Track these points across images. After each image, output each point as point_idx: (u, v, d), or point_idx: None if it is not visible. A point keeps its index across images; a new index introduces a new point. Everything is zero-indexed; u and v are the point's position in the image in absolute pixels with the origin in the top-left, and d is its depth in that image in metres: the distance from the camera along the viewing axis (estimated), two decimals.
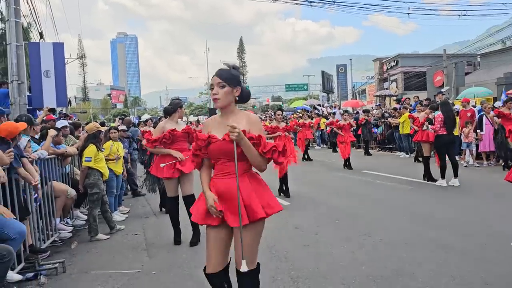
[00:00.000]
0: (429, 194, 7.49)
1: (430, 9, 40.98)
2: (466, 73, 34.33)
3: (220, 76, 2.46)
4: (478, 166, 10.46)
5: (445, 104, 8.33)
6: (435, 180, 8.23)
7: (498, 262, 3.86)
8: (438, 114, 7.99)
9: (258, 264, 2.57)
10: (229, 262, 2.62)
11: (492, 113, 10.49)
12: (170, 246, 4.98)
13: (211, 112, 34.90)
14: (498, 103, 12.76)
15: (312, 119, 18.41)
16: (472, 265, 3.80)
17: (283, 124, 7.96)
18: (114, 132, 6.70)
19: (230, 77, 2.46)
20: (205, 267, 2.57)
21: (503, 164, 9.86)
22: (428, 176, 8.53)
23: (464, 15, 21.57)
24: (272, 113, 21.81)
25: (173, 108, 5.12)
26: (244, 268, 2.42)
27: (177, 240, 5.05)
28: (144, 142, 5.93)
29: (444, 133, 7.84)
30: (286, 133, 7.86)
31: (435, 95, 18.98)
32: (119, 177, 6.77)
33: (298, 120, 15.64)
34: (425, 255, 4.13)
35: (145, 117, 23.72)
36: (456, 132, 9.76)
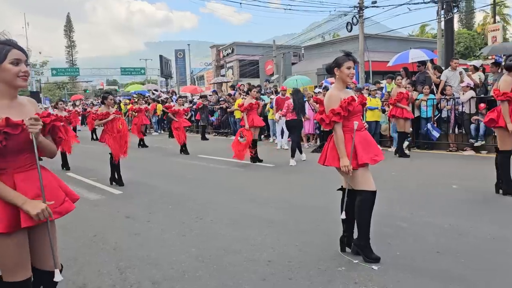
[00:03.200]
0: (258, 175, 8.06)
1: (260, 1, 43.81)
2: (293, 63, 37.85)
3: None
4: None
5: (297, 92, 9.31)
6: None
7: (310, 231, 4.36)
8: (289, 100, 8.96)
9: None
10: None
11: (311, 99, 11.79)
12: None
13: None
14: (317, 90, 14.43)
15: (148, 104, 17.93)
16: (290, 237, 4.21)
17: (112, 110, 7.52)
18: None
19: None
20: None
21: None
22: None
23: (289, 9, 23.57)
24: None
25: None
26: (58, 277, 2.14)
27: None
28: None
29: (294, 117, 8.89)
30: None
31: (269, 81, 20.46)
32: None
33: (134, 106, 15.08)
34: (251, 232, 4.41)
35: None
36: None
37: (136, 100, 17.30)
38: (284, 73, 32.88)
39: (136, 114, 14.44)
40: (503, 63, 7.45)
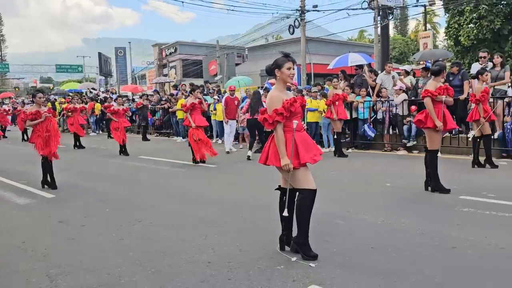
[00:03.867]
0: (200, 175, 7.99)
1: (203, 1, 43.47)
2: (237, 64, 37.98)
3: None
4: (242, 148, 11.73)
5: (255, 94, 10.11)
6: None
7: (251, 231, 4.38)
8: (247, 101, 9.80)
9: None
10: None
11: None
12: None
13: None
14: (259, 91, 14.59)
15: (85, 103, 17.19)
16: (231, 237, 4.20)
17: (44, 109, 7.10)
18: None
19: None
20: None
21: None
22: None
23: (232, 10, 23.61)
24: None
25: None
26: None
27: None
28: None
29: (249, 117, 9.71)
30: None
31: (209, 82, 20.32)
32: None
33: (71, 105, 14.37)
34: (191, 233, 4.35)
35: None
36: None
37: (71, 99, 16.51)
38: (228, 73, 32.89)
39: (71, 113, 13.74)
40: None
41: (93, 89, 25.43)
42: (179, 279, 3.25)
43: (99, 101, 19.06)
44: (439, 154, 6.01)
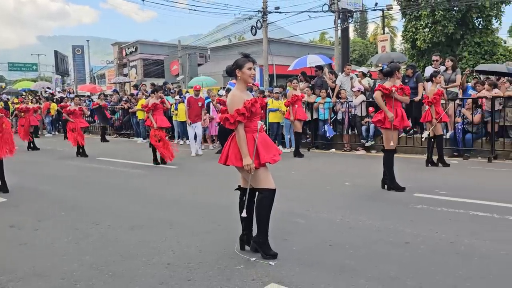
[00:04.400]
0: (161, 177, 7.87)
1: (165, 0, 42.72)
2: (199, 64, 37.71)
3: None
4: (204, 149, 11.66)
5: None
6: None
7: (211, 231, 4.37)
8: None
9: None
10: None
11: (215, 100, 11.84)
12: None
13: None
14: (221, 92, 14.54)
15: (40, 103, 16.55)
16: (191, 238, 4.17)
17: None
18: None
19: None
20: None
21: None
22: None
23: (194, 10, 23.43)
24: None
25: None
26: None
27: None
28: None
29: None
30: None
31: (169, 83, 20.04)
32: None
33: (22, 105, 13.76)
34: (151, 235, 4.29)
35: None
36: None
37: (23, 98, 15.82)
38: (190, 73, 32.59)
39: (23, 114, 13.00)
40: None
41: (48, 88, 24.49)
42: (137, 281, 3.20)
43: (55, 101, 18.38)
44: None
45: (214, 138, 12.49)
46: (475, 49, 22.36)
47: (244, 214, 3.58)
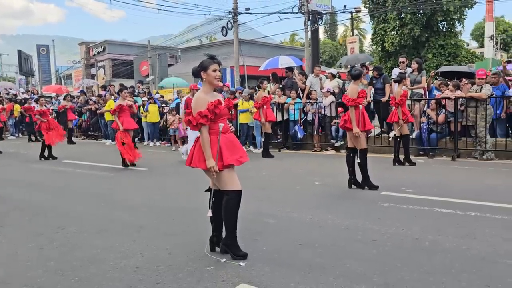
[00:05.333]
0: (129, 179, 7.74)
1: None
2: (169, 65, 37.27)
3: None
4: (175, 150, 11.54)
5: None
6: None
7: (181, 233, 4.33)
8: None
9: None
10: None
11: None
12: None
13: None
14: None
15: (3, 104, 15.98)
16: (160, 241, 4.11)
17: None
18: None
19: None
20: None
21: None
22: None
23: (164, 10, 23.16)
24: None
25: None
26: None
27: None
28: None
29: None
30: None
31: (142, 83, 19.74)
32: None
33: None
34: (119, 239, 4.20)
35: None
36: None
37: None
38: (160, 74, 32.19)
39: None
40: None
41: (10, 89, 23.62)
42: (105, 286, 3.13)
43: (18, 102, 17.76)
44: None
45: (184, 139, 12.37)
46: (439, 51, 23.11)
47: (209, 214, 3.57)
